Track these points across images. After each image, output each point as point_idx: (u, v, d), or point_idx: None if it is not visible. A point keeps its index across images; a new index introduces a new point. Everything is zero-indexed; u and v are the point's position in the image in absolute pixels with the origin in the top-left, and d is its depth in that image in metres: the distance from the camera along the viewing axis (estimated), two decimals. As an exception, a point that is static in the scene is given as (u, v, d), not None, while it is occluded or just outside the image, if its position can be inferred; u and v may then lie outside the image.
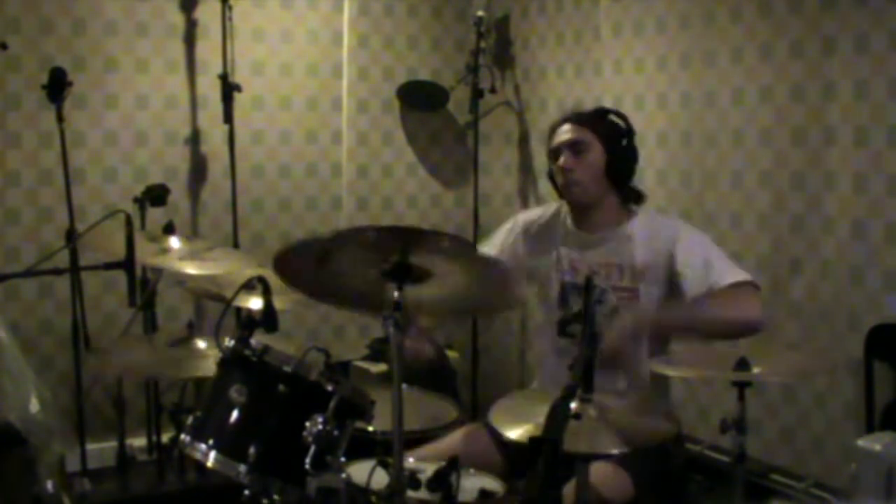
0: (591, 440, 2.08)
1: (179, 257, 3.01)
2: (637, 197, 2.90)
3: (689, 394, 3.87)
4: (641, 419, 2.30)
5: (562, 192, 2.89)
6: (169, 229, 3.73)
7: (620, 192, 2.86)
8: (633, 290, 2.79)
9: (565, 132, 2.84)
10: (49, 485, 2.78)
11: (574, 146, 2.81)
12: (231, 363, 2.28)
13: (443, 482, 2.23)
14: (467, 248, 2.57)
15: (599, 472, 2.46)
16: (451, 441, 2.80)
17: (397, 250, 2.13)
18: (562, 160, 2.82)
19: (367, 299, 2.29)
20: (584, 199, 2.85)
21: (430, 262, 2.15)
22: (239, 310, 3.09)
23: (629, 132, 2.86)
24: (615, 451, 2.14)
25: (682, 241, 2.77)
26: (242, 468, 2.17)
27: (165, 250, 3.03)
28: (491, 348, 4.96)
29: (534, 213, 3.06)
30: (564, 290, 2.91)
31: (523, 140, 4.86)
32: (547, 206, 3.07)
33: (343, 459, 2.22)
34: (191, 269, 2.97)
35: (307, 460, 2.15)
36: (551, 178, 2.92)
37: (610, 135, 2.83)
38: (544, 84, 4.67)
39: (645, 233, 2.83)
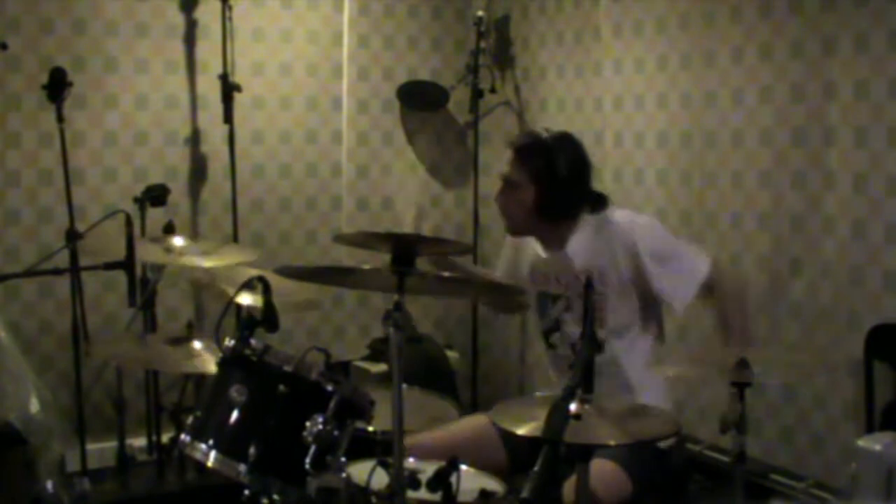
0: (590, 433, 2.07)
1: (182, 254, 3.02)
2: (595, 205, 2.86)
3: (689, 394, 3.86)
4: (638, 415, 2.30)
5: None
6: (169, 229, 3.73)
7: (559, 221, 2.84)
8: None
9: (506, 163, 2.86)
10: (49, 485, 2.78)
11: (507, 182, 2.84)
12: (231, 363, 2.28)
13: (443, 482, 2.23)
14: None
15: (596, 470, 2.46)
16: (457, 431, 2.81)
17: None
18: (496, 192, 2.87)
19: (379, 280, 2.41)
20: (513, 230, 2.92)
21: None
22: (239, 309, 3.09)
23: (571, 168, 2.80)
24: (613, 443, 2.13)
25: (641, 242, 2.74)
26: (242, 468, 2.18)
27: (168, 249, 3.04)
28: (491, 348, 4.96)
29: None
30: (540, 300, 2.94)
31: (523, 140, 4.85)
32: None
33: (343, 459, 2.22)
34: (197, 262, 2.98)
35: (307, 460, 2.15)
36: None
37: (543, 174, 2.78)
38: (544, 84, 4.67)
39: (582, 247, 2.81)
